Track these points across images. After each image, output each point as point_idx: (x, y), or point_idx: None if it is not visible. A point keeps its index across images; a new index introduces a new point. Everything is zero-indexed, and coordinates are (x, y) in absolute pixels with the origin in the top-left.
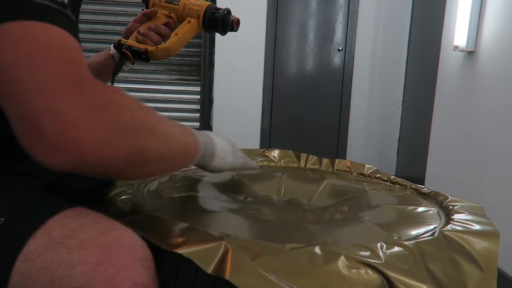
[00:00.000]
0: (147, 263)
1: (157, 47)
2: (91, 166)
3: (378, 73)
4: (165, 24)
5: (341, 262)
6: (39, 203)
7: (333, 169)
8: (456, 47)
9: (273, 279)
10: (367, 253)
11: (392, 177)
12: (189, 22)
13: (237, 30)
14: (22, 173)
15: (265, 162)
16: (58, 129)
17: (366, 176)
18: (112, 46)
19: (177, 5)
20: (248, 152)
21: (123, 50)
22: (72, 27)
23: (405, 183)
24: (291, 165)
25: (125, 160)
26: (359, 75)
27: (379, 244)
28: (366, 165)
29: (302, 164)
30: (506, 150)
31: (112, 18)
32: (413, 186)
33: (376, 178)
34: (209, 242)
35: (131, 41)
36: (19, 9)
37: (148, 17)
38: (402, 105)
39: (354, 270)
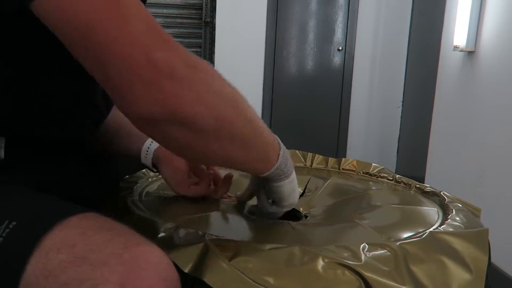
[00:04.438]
0: (172, 283)
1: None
2: (180, 122)
3: (378, 73)
4: None
5: (319, 263)
6: (52, 205)
7: (339, 168)
8: (456, 47)
9: (248, 279)
10: (347, 254)
11: (397, 176)
12: None
13: None
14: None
15: None
16: (158, 78)
17: (371, 175)
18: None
19: None
20: None
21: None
22: None
23: (409, 182)
24: (296, 164)
25: (213, 126)
26: (359, 75)
27: (361, 246)
28: (373, 164)
29: (308, 164)
30: (506, 150)
31: None
32: (417, 185)
33: (381, 177)
34: (190, 242)
35: None
36: None
37: None
38: (402, 105)
39: (331, 271)
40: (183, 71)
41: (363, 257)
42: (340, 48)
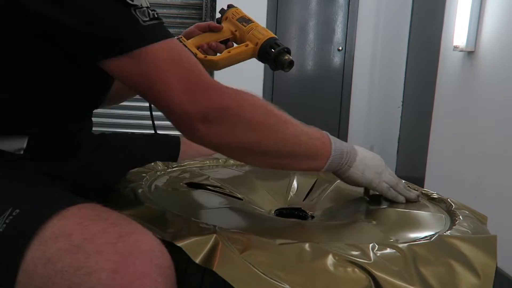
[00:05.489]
0: (165, 270)
1: (205, 56)
2: (215, 149)
3: (378, 73)
4: (228, 40)
5: (329, 259)
6: (54, 195)
7: None
8: (456, 47)
9: (259, 272)
10: (357, 253)
11: (403, 182)
12: (246, 45)
13: (288, 70)
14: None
15: None
16: (190, 125)
17: None
18: None
19: (245, 26)
20: None
21: None
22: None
23: (416, 188)
24: None
25: (244, 149)
26: (359, 75)
27: (371, 245)
28: None
29: None
30: (505, 150)
31: None
32: (423, 191)
33: None
34: (201, 234)
35: (189, 42)
36: (136, 37)
37: (211, 30)
38: (402, 105)
39: (341, 268)
40: (212, 115)
41: (372, 256)
42: (340, 48)
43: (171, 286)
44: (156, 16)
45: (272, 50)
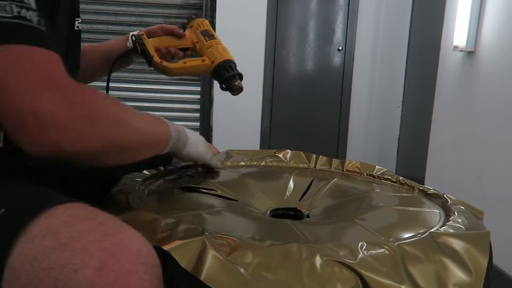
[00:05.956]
0: (152, 268)
1: (161, 61)
2: (72, 156)
3: (378, 73)
4: (187, 48)
5: (317, 260)
6: (40, 194)
7: (342, 170)
8: (456, 47)
9: (246, 275)
10: (345, 253)
11: (400, 178)
12: (203, 60)
13: (235, 94)
14: (30, 168)
15: (275, 163)
16: (40, 128)
17: (375, 177)
18: (131, 35)
19: (207, 41)
20: (260, 153)
21: (137, 43)
22: (41, 37)
23: (413, 185)
24: (300, 165)
25: (101, 150)
26: (359, 75)
27: (359, 244)
28: (377, 166)
29: (312, 165)
30: (506, 150)
31: (112, 18)
32: (420, 188)
33: (384, 179)
34: (188, 237)
35: (150, 42)
36: None
37: (174, 35)
38: (402, 105)
39: (328, 269)
40: (63, 116)
41: (361, 255)
42: (340, 48)
43: (157, 284)
44: (25, 16)
45: (226, 72)
